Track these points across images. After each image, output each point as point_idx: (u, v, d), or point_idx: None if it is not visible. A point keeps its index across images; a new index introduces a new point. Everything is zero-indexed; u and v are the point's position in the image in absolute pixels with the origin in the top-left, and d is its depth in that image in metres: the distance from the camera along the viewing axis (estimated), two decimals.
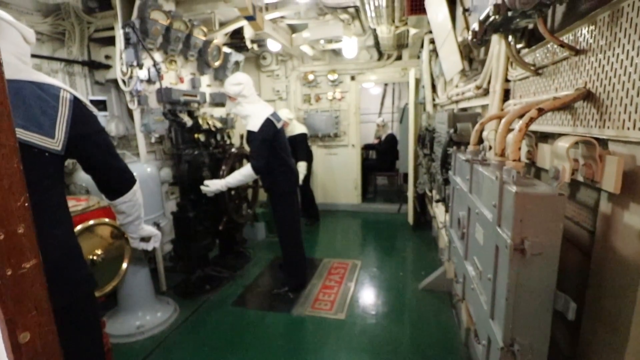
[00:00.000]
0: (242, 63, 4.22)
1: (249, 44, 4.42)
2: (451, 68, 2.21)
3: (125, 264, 1.87)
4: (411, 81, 4.52)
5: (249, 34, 4.17)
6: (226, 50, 3.91)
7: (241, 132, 3.53)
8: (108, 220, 1.80)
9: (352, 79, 5.52)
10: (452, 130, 1.82)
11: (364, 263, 3.86)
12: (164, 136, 3.24)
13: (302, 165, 4.52)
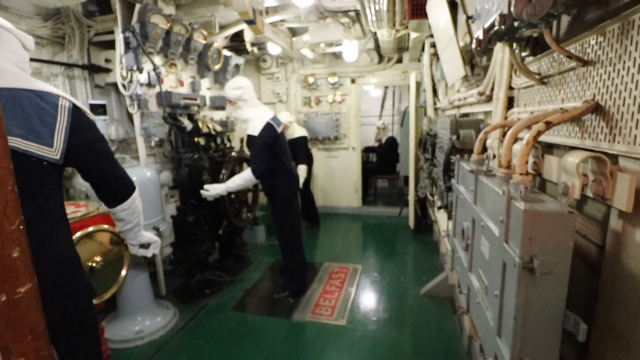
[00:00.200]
0: (242, 66, 4.20)
1: (249, 47, 4.41)
2: (453, 73, 2.20)
3: (124, 271, 1.85)
4: (412, 85, 4.50)
5: (249, 37, 4.16)
6: (226, 53, 3.89)
7: (241, 136, 3.51)
8: (107, 227, 1.78)
9: (353, 81, 5.51)
10: (455, 137, 1.81)
11: (364, 267, 3.84)
12: (164, 139, 3.23)
13: (302, 168, 4.50)
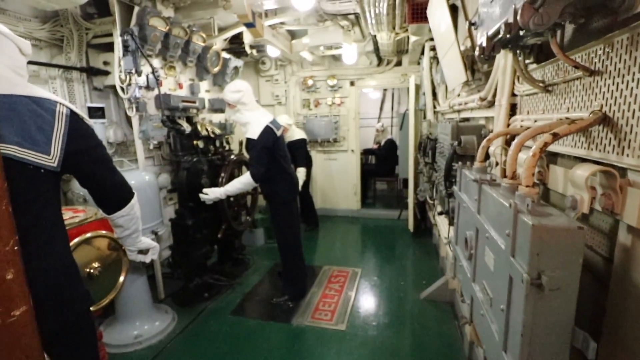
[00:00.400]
0: (241, 68, 4.18)
1: (248, 49, 4.39)
2: (454, 78, 2.19)
3: (122, 277, 1.83)
4: (411, 88, 4.49)
5: (248, 39, 4.14)
6: (225, 55, 3.87)
7: (240, 138, 3.49)
8: (105, 233, 1.76)
9: (352, 84, 5.50)
10: (457, 142, 1.79)
11: (364, 271, 3.82)
12: (163, 142, 3.21)
13: (301, 171, 4.49)
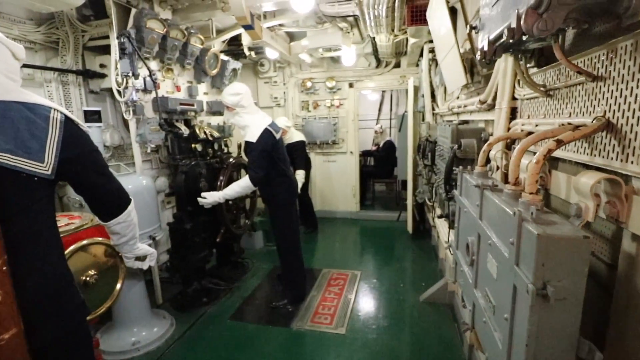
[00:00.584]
0: (240, 70, 4.17)
1: (246, 51, 4.38)
2: (454, 81, 2.18)
3: (119, 285, 1.80)
4: (410, 90, 4.49)
5: (246, 41, 4.13)
6: (223, 57, 3.85)
7: (239, 141, 3.47)
8: (102, 239, 1.74)
9: (351, 86, 5.49)
10: (457, 146, 1.78)
11: (363, 274, 3.81)
12: (160, 145, 3.18)
13: (300, 173, 4.47)
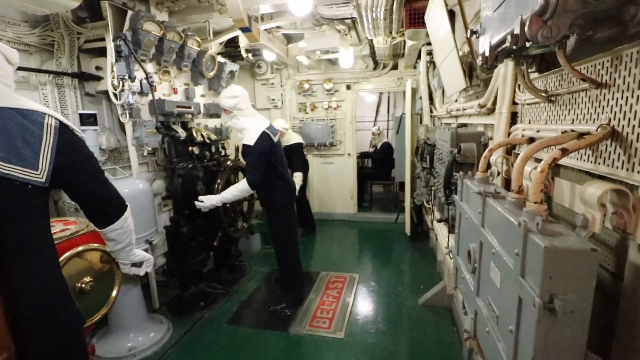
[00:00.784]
0: (237, 72, 4.14)
1: (243, 53, 4.36)
2: (453, 85, 2.17)
3: (115, 292, 1.78)
4: (407, 92, 4.48)
5: (244, 43, 4.10)
6: (221, 59, 3.83)
7: (236, 143, 3.45)
8: (97, 246, 1.71)
9: (348, 88, 5.49)
10: (456, 150, 1.78)
11: (362, 276, 3.79)
12: (157, 148, 3.15)
13: (298, 176, 4.45)
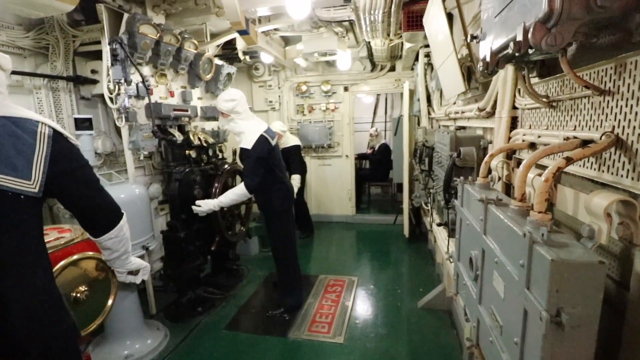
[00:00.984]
0: (234, 75, 4.12)
1: (241, 55, 4.33)
2: (452, 89, 2.16)
3: (110, 301, 1.75)
4: (405, 94, 4.48)
5: (241, 45, 4.08)
6: (218, 62, 3.81)
7: (234, 147, 3.42)
8: (92, 254, 1.68)
9: (346, 89, 5.48)
10: (456, 154, 1.76)
11: (361, 279, 3.78)
12: (154, 152, 3.12)
13: (296, 178, 4.43)
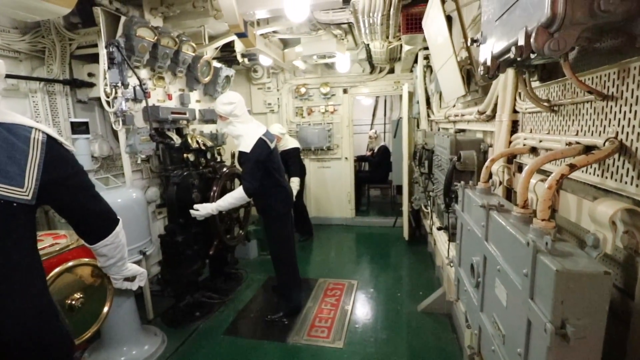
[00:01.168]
0: (233, 77, 4.10)
1: (239, 57, 4.32)
2: (451, 92, 2.15)
3: (106, 308, 1.72)
4: (404, 96, 4.47)
5: (239, 47, 4.07)
6: (216, 64, 3.79)
7: (233, 150, 3.40)
8: (88, 260, 1.66)
9: (345, 92, 5.47)
10: (456, 158, 1.75)
11: (360, 283, 3.75)
12: (151, 155, 3.10)
13: (295, 181, 4.42)
